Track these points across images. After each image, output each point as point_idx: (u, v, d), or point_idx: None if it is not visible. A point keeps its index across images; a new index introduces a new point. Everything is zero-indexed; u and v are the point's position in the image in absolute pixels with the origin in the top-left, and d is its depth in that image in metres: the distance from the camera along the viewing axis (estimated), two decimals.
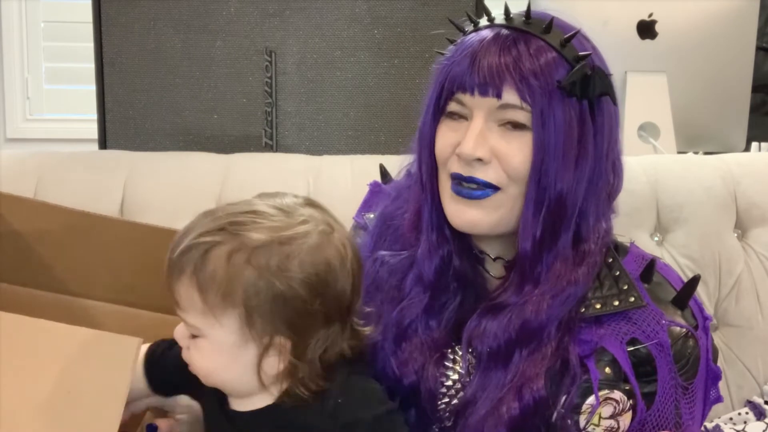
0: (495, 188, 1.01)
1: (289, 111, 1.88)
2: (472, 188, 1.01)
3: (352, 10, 1.86)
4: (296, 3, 1.86)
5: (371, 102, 1.88)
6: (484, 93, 0.99)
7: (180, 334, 0.97)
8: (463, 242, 1.07)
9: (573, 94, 0.99)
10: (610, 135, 1.03)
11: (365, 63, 1.87)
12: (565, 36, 1.01)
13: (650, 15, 1.91)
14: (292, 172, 1.66)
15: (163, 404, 1.10)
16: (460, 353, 1.06)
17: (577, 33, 1.02)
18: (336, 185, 1.62)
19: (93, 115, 1.90)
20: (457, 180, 1.02)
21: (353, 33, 1.86)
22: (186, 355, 0.98)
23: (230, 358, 0.94)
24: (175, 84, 1.88)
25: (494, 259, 1.08)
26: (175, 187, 1.63)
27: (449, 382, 1.06)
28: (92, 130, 1.93)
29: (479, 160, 0.99)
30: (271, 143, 1.88)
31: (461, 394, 1.04)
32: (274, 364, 0.94)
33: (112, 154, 1.78)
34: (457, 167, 1.01)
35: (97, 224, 1.21)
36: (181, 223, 1.20)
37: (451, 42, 1.08)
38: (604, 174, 1.03)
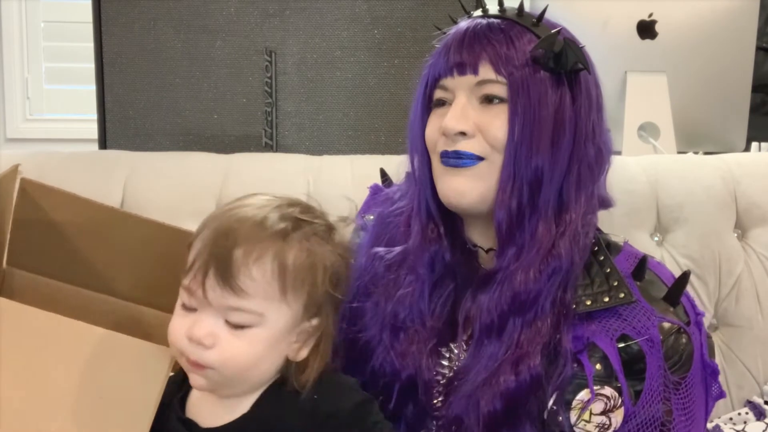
0: (481, 159, 1.03)
1: (289, 111, 1.88)
2: (459, 159, 1.04)
3: (352, 10, 1.86)
4: (296, 3, 1.86)
5: (371, 102, 1.88)
6: (462, 72, 1.04)
7: (207, 331, 0.92)
8: (456, 235, 1.08)
9: (547, 67, 1.03)
10: (589, 108, 1.05)
11: (365, 63, 1.87)
12: (537, 16, 1.06)
13: (650, 15, 1.91)
14: (292, 172, 1.66)
15: None
16: (456, 351, 1.06)
17: (545, 9, 1.07)
18: (336, 185, 1.62)
19: (93, 115, 1.90)
20: (445, 156, 1.05)
21: (353, 33, 1.86)
22: (206, 355, 0.92)
23: (275, 346, 0.95)
24: (175, 84, 1.88)
25: (486, 251, 1.08)
26: (175, 187, 1.63)
27: (444, 381, 1.06)
28: (92, 130, 1.93)
29: (463, 134, 1.03)
30: (271, 143, 1.88)
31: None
32: (306, 348, 0.97)
33: (112, 154, 1.78)
34: (443, 145, 1.05)
35: (124, 221, 1.21)
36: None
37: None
38: (584, 147, 1.05)
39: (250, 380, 0.96)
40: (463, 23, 1.08)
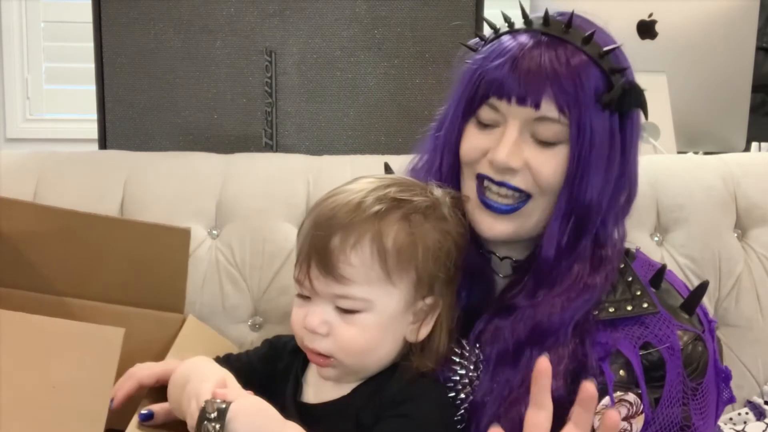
0: (524, 194, 1.02)
1: (289, 111, 1.88)
2: (501, 202, 1.02)
3: (352, 10, 1.86)
4: (296, 3, 1.85)
5: (371, 102, 1.88)
6: (522, 102, 1.00)
7: (320, 319, 0.95)
8: (471, 239, 1.08)
9: (608, 108, 1.01)
10: (633, 146, 1.06)
11: (365, 63, 1.87)
12: (604, 49, 1.03)
13: (650, 15, 1.91)
14: (292, 172, 1.66)
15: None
16: (468, 348, 1.06)
17: (616, 48, 1.05)
18: (336, 185, 1.62)
19: (93, 115, 1.90)
20: (484, 181, 1.03)
21: (353, 33, 1.86)
22: (323, 343, 0.96)
23: (389, 329, 0.96)
24: (175, 84, 1.87)
25: (501, 259, 1.08)
26: (175, 187, 1.63)
27: (456, 377, 1.06)
28: (92, 130, 1.92)
29: (511, 169, 1.01)
30: (271, 143, 1.88)
31: (468, 389, 1.04)
32: (425, 329, 0.99)
33: (112, 154, 1.78)
34: (487, 170, 1.03)
35: (89, 223, 1.20)
36: (182, 223, 1.20)
37: (480, 38, 1.08)
38: (626, 184, 1.05)
39: (371, 366, 0.98)
40: (524, 38, 1.02)
